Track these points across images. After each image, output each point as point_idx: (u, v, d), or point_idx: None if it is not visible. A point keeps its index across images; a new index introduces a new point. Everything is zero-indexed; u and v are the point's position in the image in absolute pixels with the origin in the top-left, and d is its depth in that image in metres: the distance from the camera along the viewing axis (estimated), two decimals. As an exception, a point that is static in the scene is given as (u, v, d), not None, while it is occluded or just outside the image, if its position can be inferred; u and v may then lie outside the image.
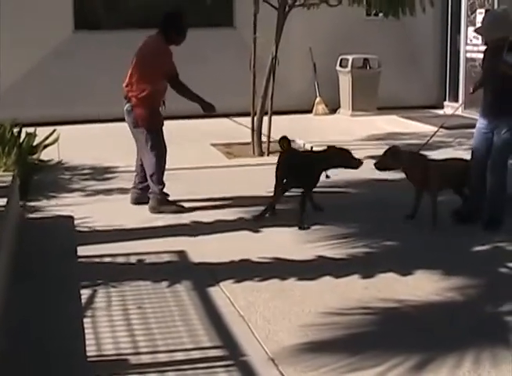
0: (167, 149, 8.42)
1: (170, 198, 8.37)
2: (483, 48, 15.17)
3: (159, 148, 8.28)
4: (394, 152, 7.70)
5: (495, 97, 7.29)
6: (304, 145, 12.12)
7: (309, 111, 15.49)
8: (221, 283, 5.98)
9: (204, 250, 6.86)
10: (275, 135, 11.46)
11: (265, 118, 11.42)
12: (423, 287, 5.94)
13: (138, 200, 8.51)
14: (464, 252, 6.86)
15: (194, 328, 5.17)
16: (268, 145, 11.43)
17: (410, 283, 6.05)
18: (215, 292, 5.82)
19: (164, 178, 8.35)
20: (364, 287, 5.93)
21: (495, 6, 14.87)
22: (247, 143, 11.57)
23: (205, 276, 6.19)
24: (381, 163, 7.69)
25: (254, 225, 7.65)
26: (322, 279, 6.10)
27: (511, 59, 7.08)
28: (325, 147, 8.19)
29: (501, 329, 5.24)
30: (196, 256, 6.68)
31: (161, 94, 8.35)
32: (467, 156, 7.89)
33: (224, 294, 5.78)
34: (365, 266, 6.42)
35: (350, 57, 15.64)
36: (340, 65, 15.89)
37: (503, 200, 7.44)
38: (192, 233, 7.38)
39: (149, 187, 8.41)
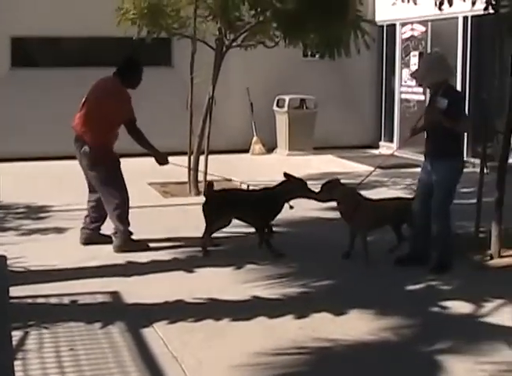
0: None
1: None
2: (417, 89, 15.56)
3: (120, 186, 8.23)
4: (331, 186, 7.82)
5: (433, 139, 7.42)
6: (240, 184, 12.15)
7: (246, 151, 15.59)
8: (155, 324, 5.92)
9: (138, 291, 6.81)
10: (212, 175, 11.53)
11: (202, 158, 11.43)
12: (357, 326, 5.97)
13: (89, 241, 8.42)
14: (398, 291, 6.93)
15: (127, 370, 5.10)
16: (205, 184, 11.41)
17: (344, 322, 6.07)
18: (149, 333, 5.76)
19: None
20: (298, 327, 5.93)
21: (429, 49, 15.18)
22: (184, 183, 11.57)
23: (139, 317, 6.13)
24: (320, 195, 7.83)
25: (189, 265, 7.63)
26: (256, 319, 6.09)
27: (443, 104, 7.18)
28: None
29: (433, 368, 5.28)
30: (130, 297, 6.63)
31: (116, 136, 8.33)
32: (404, 195, 8.03)
33: (157, 335, 5.73)
34: (300, 306, 6.43)
35: (287, 97, 15.80)
36: (277, 105, 16.05)
37: (449, 244, 7.47)
38: (126, 274, 7.32)
39: (100, 228, 8.40)
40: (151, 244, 8.41)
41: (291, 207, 8.30)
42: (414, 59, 15.74)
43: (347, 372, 5.19)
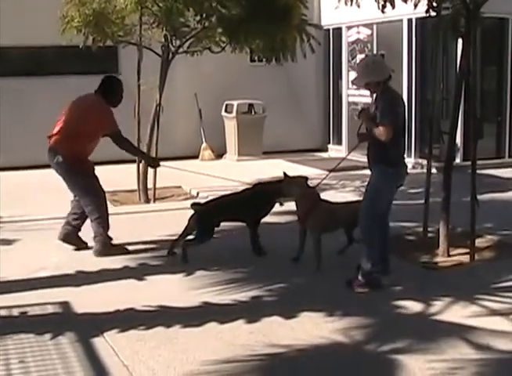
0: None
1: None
2: (365, 92, 15.56)
3: (98, 192, 8.39)
4: (289, 182, 7.80)
5: (369, 144, 7.20)
6: (190, 191, 12.14)
7: (196, 157, 15.58)
8: (106, 334, 5.88)
9: (88, 300, 6.75)
10: (162, 182, 11.51)
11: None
12: (307, 330, 5.98)
13: (67, 238, 8.54)
14: (348, 293, 6.95)
15: (78, 381, 5.08)
16: (154, 192, 11.40)
17: (295, 326, 6.08)
18: (99, 343, 5.72)
19: (50, 227, 8.22)
20: (249, 332, 5.93)
21: (375, 52, 15.30)
22: (133, 190, 11.52)
23: (89, 326, 6.07)
24: (280, 189, 7.83)
25: (139, 273, 7.60)
26: (207, 325, 6.08)
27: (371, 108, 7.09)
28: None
29: (386, 367, 5.33)
30: (79, 307, 6.57)
31: (93, 149, 8.50)
32: (354, 197, 8.04)
33: (108, 344, 5.69)
34: (251, 311, 6.43)
35: (235, 103, 15.82)
36: (226, 110, 16.05)
37: (371, 260, 6.95)
38: (76, 283, 7.25)
39: (80, 226, 8.53)
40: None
41: (281, 203, 8.37)
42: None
43: (298, 374, 5.20)
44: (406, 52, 14.48)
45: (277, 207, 8.39)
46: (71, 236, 8.56)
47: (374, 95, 7.18)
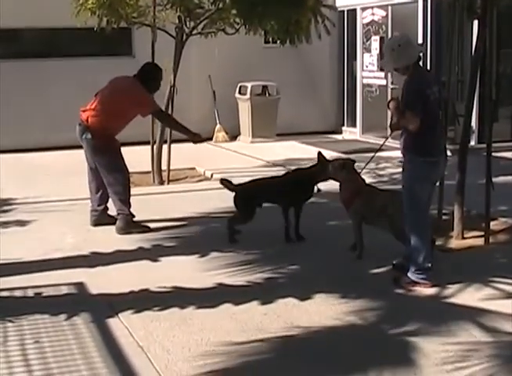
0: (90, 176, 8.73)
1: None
2: (379, 74, 15.61)
3: (123, 170, 8.56)
4: (343, 164, 7.56)
5: (402, 131, 6.71)
6: (204, 173, 12.15)
7: (209, 139, 15.53)
8: (120, 314, 5.91)
9: (103, 281, 6.79)
10: (176, 164, 11.52)
11: (165, 146, 11.41)
12: (321, 311, 6.00)
13: (98, 222, 8.73)
14: (362, 275, 6.97)
15: (93, 361, 5.09)
16: (168, 173, 11.42)
17: (309, 307, 6.09)
18: (114, 323, 5.75)
19: (65, 209, 8.24)
20: (263, 314, 5.94)
21: (389, 34, 15.22)
22: (147, 172, 11.53)
23: (104, 307, 6.11)
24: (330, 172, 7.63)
25: (153, 254, 7.63)
26: (221, 306, 6.10)
27: (406, 92, 6.53)
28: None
29: (400, 349, 5.33)
30: (94, 288, 6.60)
31: (123, 128, 8.68)
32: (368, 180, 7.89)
33: (123, 325, 5.72)
34: (265, 292, 6.45)
35: (249, 84, 15.79)
36: (240, 92, 16.02)
37: (421, 250, 6.56)
38: (91, 264, 7.29)
39: (107, 209, 8.73)
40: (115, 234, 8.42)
41: (319, 190, 8.28)
42: (375, 44, 15.78)
43: (315, 358, 5.20)
44: (421, 34, 14.37)
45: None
46: (102, 219, 8.75)
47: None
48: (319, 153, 8.05)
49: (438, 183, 8.22)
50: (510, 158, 13.14)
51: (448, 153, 7.01)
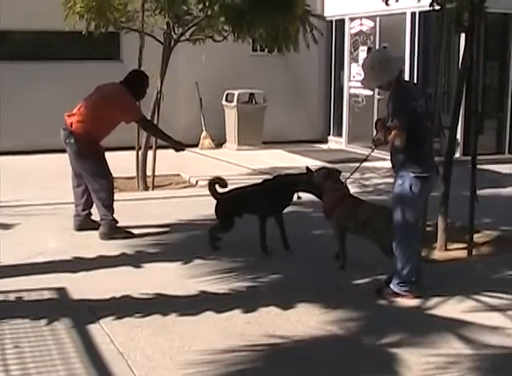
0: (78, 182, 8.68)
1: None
2: (365, 84, 15.62)
3: (106, 175, 8.55)
4: (323, 174, 7.54)
5: (391, 148, 6.58)
6: (189, 179, 12.13)
7: (195, 145, 15.54)
8: (101, 320, 5.87)
9: (85, 286, 6.75)
10: (161, 170, 11.50)
11: (150, 152, 11.39)
12: (304, 320, 5.98)
13: (82, 227, 8.71)
14: (345, 285, 6.96)
15: (73, 367, 5.05)
16: (153, 179, 11.40)
17: (291, 316, 6.08)
18: (95, 329, 5.71)
19: (49, 213, 8.20)
20: (245, 322, 5.92)
21: (377, 44, 15.27)
22: (132, 178, 11.51)
23: (85, 313, 6.07)
24: (313, 180, 7.59)
25: (136, 260, 7.60)
26: (203, 314, 6.07)
27: (391, 107, 6.42)
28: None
29: (382, 360, 5.32)
30: (76, 293, 6.56)
31: (108, 134, 8.70)
32: (353, 189, 7.87)
33: (104, 331, 5.68)
34: (247, 301, 6.43)
35: (236, 92, 15.80)
36: (226, 100, 16.02)
37: (406, 266, 6.49)
38: (73, 270, 7.24)
39: (90, 214, 8.71)
40: (99, 239, 8.39)
41: (299, 197, 8.21)
42: (363, 54, 15.82)
43: (297, 367, 5.18)
44: (409, 46, 14.45)
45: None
46: (86, 224, 8.73)
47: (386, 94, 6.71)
48: (307, 168, 8.00)
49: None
50: (494, 171, 13.20)
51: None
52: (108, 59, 15.26)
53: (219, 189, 8.21)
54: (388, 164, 6.85)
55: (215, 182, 8.18)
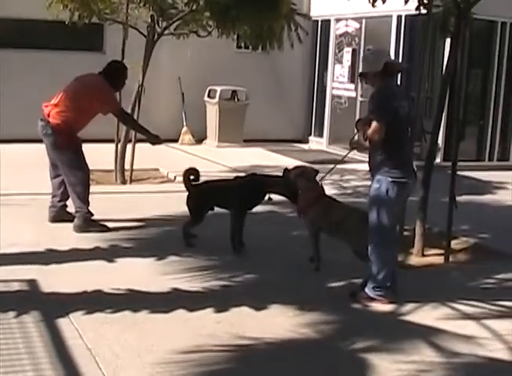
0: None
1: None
2: (349, 86, 15.61)
3: (83, 168, 8.44)
4: (298, 173, 7.45)
5: (369, 152, 6.55)
6: (167, 174, 12.04)
7: (175, 140, 15.44)
8: (71, 315, 5.76)
9: (56, 280, 6.64)
10: (139, 164, 11.40)
11: (130, 146, 11.29)
12: (276, 322, 5.91)
13: (56, 218, 8.62)
14: (320, 288, 6.90)
15: (39, 362, 4.94)
16: (131, 173, 11.30)
17: (264, 318, 6.01)
18: (64, 324, 5.59)
19: (25, 203, 8.08)
20: (217, 322, 5.84)
21: (362, 46, 15.24)
22: (110, 170, 11.40)
23: (55, 307, 5.96)
24: (286, 181, 7.51)
25: (110, 254, 7.50)
26: (175, 312, 5.98)
27: (371, 101, 6.43)
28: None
29: (353, 365, 5.27)
30: (47, 286, 6.45)
31: (85, 125, 8.59)
32: (331, 191, 7.81)
33: (73, 325, 5.58)
34: (220, 300, 6.34)
35: (218, 88, 15.71)
36: (209, 96, 15.93)
37: (381, 271, 6.42)
38: (45, 262, 7.12)
39: (66, 206, 8.63)
40: (73, 232, 8.29)
41: (270, 198, 8.13)
42: (347, 56, 15.79)
43: (266, 370, 5.12)
44: (394, 49, 14.40)
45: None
46: (61, 216, 8.64)
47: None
48: (286, 169, 7.93)
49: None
50: (473, 178, 13.19)
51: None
52: (90, 50, 15.11)
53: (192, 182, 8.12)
54: (367, 166, 6.78)
55: (190, 172, 8.08)
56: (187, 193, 8.01)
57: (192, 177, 8.06)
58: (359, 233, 6.73)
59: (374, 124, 6.22)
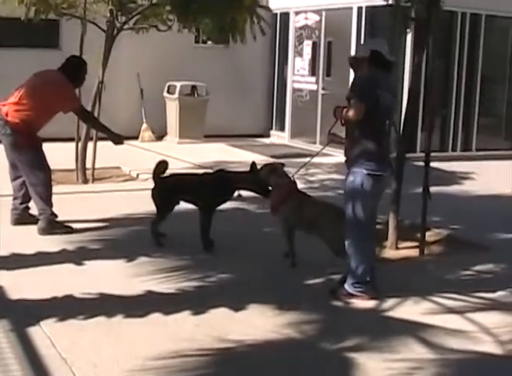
0: None
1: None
2: (310, 79, 15.45)
3: (44, 168, 8.16)
4: (272, 168, 7.31)
5: (346, 144, 6.36)
6: (130, 172, 11.78)
7: (135, 138, 15.15)
8: (42, 322, 5.47)
9: (24, 285, 6.34)
10: (100, 163, 11.12)
11: (90, 144, 10.99)
12: (257, 323, 5.70)
13: (19, 221, 8.33)
14: (297, 286, 6.69)
15: (12, 375, 4.66)
16: (93, 172, 11.02)
17: (243, 319, 5.79)
18: (36, 332, 5.31)
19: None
20: (195, 324, 5.61)
21: (322, 39, 15.11)
22: (71, 170, 11.10)
23: (24, 314, 5.66)
24: (258, 178, 7.32)
25: (78, 257, 7.22)
26: (150, 316, 5.73)
27: (353, 84, 6.25)
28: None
29: (341, 366, 5.08)
30: (14, 292, 6.15)
31: (45, 123, 8.29)
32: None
33: (45, 334, 5.29)
34: (196, 302, 6.11)
35: (178, 84, 15.47)
36: (168, 91, 15.69)
37: (359, 267, 6.24)
38: (11, 267, 6.81)
39: (28, 208, 8.38)
40: (37, 234, 8.00)
41: (240, 195, 7.88)
42: (307, 49, 15.62)
43: (251, 373, 4.92)
44: (355, 41, 14.25)
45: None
46: (23, 219, 8.36)
47: None
48: (253, 163, 7.74)
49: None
50: (439, 168, 13.08)
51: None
52: (46, 47, 14.74)
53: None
54: (333, 160, 6.61)
55: (161, 165, 7.84)
56: (153, 186, 7.75)
57: (162, 169, 7.82)
58: (335, 228, 6.57)
59: (353, 102, 6.04)
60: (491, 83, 15.48)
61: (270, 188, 7.35)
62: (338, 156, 11.98)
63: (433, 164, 12.72)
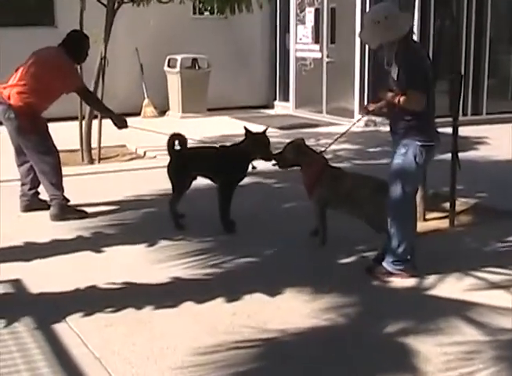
0: None
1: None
2: (314, 47, 15.01)
3: (52, 152, 7.80)
4: (296, 146, 6.82)
5: (394, 114, 6.01)
6: (136, 150, 11.41)
7: (137, 114, 14.74)
8: (68, 318, 5.09)
9: (43, 277, 5.94)
10: (105, 141, 10.72)
11: (95, 122, 10.58)
12: (295, 308, 5.35)
13: (29, 207, 8.01)
14: (333, 267, 6.32)
15: (43, 378, 4.31)
16: (99, 152, 10.63)
17: (281, 305, 5.43)
18: (63, 330, 4.93)
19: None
20: (232, 314, 5.24)
21: (325, 5, 14.68)
22: (76, 150, 10.71)
23: (48, 310, 5.28)
24: (282, 160, 6.84)
25: (95, 244, 6.85)
26: (182, 305, 5.36)
27: (394, 74, 5.85)
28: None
29: (395, 353, 4.73)
30: (34, 286, 5.75)
31: (49, 105, 7.91)
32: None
33: (73, 331, 4.92)
34: (228, 288, 5.74)
35: (178, 57, 15.05)
36: (169, 65, 15.26)
37: (403, 242, 5.92)
38: (26, 258, 6.40)
39: (38, 193, 8.06)
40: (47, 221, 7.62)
41: (254, 167, 7.42)
42: (310, 16, 15.17)
43: (301, 366, 4.55)
44: (360, 6, 13.80)
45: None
46: (33, 205, 8.01)
47: (389, 55, 5.97)
48: (246, 129, 7.31)
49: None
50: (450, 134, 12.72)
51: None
52: (41, 24, 14.27)
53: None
54: (340, 129, 6.24)
55: (175, 138, 7.43)
56: (169, 160, 7.36)
57: (176, 142, 7.40)
58: (376, 202, 6.18)
59: (415, 94, 5.70)
60: (500, 45, 15.06)
61: (300, 167, 6.89)
62: (345, 124, 11.66)
63: (444, 130, 12.49)
